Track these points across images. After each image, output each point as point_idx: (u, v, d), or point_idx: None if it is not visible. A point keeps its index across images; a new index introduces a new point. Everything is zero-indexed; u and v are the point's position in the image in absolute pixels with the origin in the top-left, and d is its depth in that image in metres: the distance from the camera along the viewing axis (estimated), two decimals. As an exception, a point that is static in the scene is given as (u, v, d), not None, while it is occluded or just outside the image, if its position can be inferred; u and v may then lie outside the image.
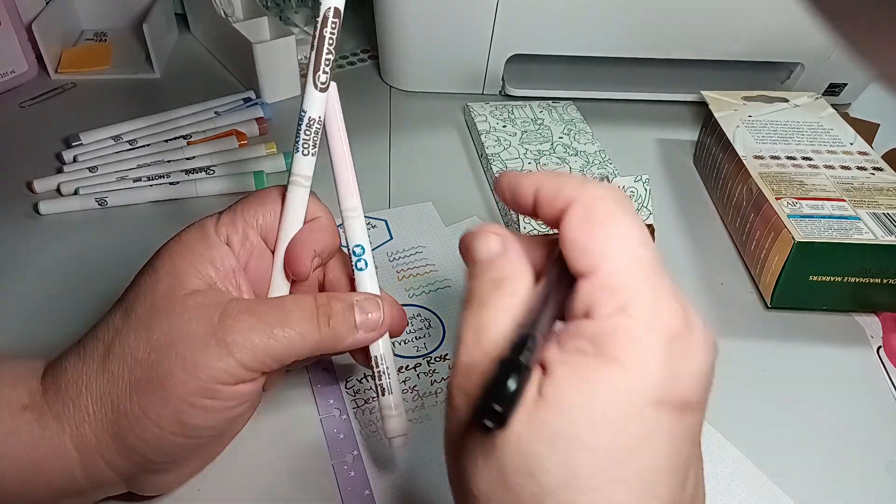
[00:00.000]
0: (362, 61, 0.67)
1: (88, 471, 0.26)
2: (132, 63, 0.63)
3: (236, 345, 0.25)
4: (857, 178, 0.45)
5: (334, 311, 0.28)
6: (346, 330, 0.28)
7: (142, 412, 0.25)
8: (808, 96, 0.54)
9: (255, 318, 0.26)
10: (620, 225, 0.20)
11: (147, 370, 0.25)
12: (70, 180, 0.48)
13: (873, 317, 0.43)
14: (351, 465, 0.33)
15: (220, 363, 0.25)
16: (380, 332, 0.29)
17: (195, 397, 0.25)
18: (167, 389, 0.25)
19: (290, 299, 0.28)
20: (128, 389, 0.25)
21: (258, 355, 0.26)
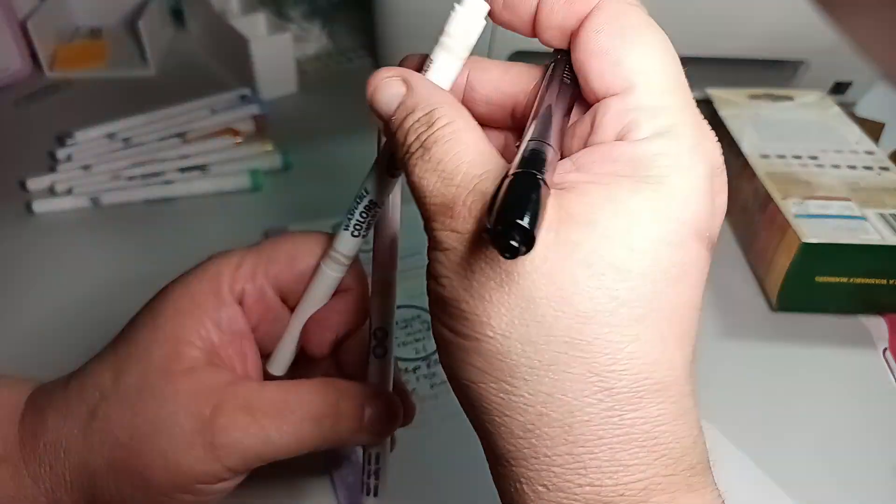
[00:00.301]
0: (360, 58, 0.66)
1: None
2: (127, 60, 0.62)
3: (225, 449, 0.23)
4: (863, 178, 0.44)
5: (341, 412, 0.25)
6: (351, 433, 0.25)
7: (118, 493, 0.24)
8: (814, 95, 0.53)
9: (251, 417, 0.24)
10: (656, 37, 0.18)
11: (127, 454, 0.24)
12: (64, 179, 0.48)
13: (879, 319, 0.43)
14: (349, 470, 0.32)
15: (205, 467, 0.23)
16: (385, 435, 0.26)
17: (174, 492, 0.24)
18: (146, 480, 0.23)
19: (293, 392, 0.25)
20: (106, 467, 0.24)
21: (247, 460, 0.24)
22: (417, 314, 0.40)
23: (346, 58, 0.66)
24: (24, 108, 0.56)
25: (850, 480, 0.34)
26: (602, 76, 0.18)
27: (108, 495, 0.24)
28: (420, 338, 0.39)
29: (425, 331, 0.39)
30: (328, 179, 0.50)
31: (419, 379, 0.37)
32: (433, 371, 0.37)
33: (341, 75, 0.63)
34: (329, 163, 0.52)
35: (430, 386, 0.36)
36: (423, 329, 0.39)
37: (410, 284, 0.42)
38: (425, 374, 0.37)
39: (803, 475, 0.34)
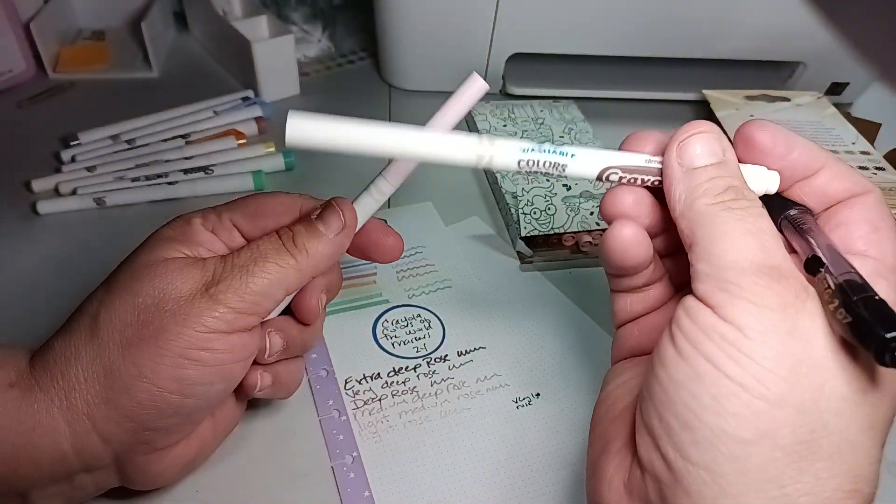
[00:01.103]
0: (362, 60, 0.66)
1: (79, 445, 0.25)
2: (130, 62, 0.62)
3: (220, 293, 0.26)
4: (859, 178, 0.45)
5: (296, 232, 0.28)
6: (315, 240, 0.28)
7: (137, 371, 0.25)
8: (811, 95, 0.54)
9: (231, 265, 0.27)
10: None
11: (138, 330, 0.25)
12: (68, 180, 0.48)
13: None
14: (350, 467, 0.33)
15: (212, 313, 0.25)
16: (347, 232, 0.28)
17: (190, 350, 0.25)
18: (161, 345, 0.25)
19: (258, 240, 0.28)
20: (120, 351, 0.25)
21: (245, 295, 0.26)
22: (417, 314, 0.41)
23: (348, 60, 0.66)
24: (27, 109, 0.57)
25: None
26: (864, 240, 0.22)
27: (126, 379, 0.25)
28: (420, 337, 0.39)
29: (425, 330, 0.40)
30: (330, 181, 0.51)
31: (420, 377, 0.37)
32: (433, 369, 0.38)
33: (343, 77, 0.64)
34: (331, 164, 0.53)
35: (431, 384, 0.37)
36: (423, 328, 0.40)
37: (410, 283, 0.43)
38: (425, 373, 0.37)
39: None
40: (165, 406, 0.25)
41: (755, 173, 0.23)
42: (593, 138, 0.54)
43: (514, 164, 0.23)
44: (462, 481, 0.33)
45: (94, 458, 0.26)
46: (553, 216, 0.44)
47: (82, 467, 0.26)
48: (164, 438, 0.27)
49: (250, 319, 0.26)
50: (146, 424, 0.25)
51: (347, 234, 0.28)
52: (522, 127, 0.55)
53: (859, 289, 0.19)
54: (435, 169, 0.53)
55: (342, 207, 0.28)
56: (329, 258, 0.28)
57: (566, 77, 0.61)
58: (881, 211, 0.22)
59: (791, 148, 0.23)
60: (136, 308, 0.25)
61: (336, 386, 0.36)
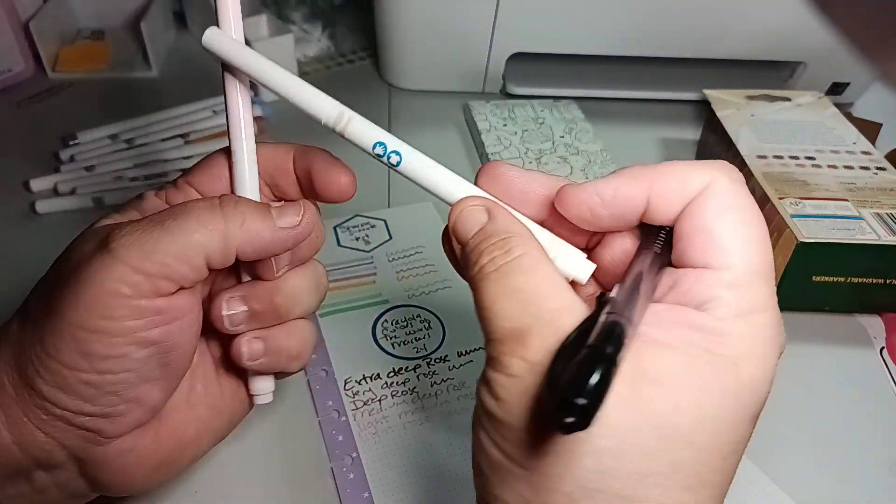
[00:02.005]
0: (361, 59, 0.66)
1: (17, 436, 0.23)
2: (129, 62, 0.62)
3: (123, 248, 0.22)
4: (860, 178, 0.45)
5: (243, 201, 0.24)
6: (258, 218, 0.24)
7: (42, 350, 0.22)
8: (811, 95, 0.53)
9: (148, 219, 0.23)
10: (757, 223, 0.20)
11: (45, 303, 0.22)
12: (67, 179, 0.48)
13: (876, 318, 0.43)
14: (350, 468, 0.33)
15: (110, 273, 0.21)
16: (297, 235, 0.24)
17: (90, 319, 0.21)
18: (60, 317, 0.22)
19: (194, 199, 0.24)
20: (31, 329, 0.22)
21: (149, 253, 0.22)
22: (417, 314, 0.41)
23: (348, 60, 0.66)
24: (26, 109, 0.57)
25: (846, 478, 0.34)
26: (704, 251, 0.20)
27: (35, 361, 0.22)
28: (420, 337, 0.39)
29: (425, 330, 0.40)
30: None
31: (419, 378, 0.37)
32: (433, 370, 0.37)
33: (343, 77, 0.64)
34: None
35: (431, 384, 0.37)
36: (422, 328, 0.40)
37: (410, 283, 0.42)
38: (425, 373, 0.37)
39: (800, 473, 0.34)
40: (83, 386, 0.22)
41: (571, 259, 0.22)
42: (594, 138, 0.54)
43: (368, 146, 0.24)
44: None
45: (40, 450, 0.23)
46: (553, 216, 0.44)
47: (32, 463, 0.23)
48: (109, 425, 0.23)
49: (161, 284, 0.22)
50: (72, 409, 0.22)
51: (296, 237, 0.24)
52: (523, 126, 0.55)
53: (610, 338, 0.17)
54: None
55: (306, 208, 0.25)
56: (262, 244, 0.24)
57: (566, 77, 0.61)
58: (720, 206, 0.20)
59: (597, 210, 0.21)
60: (51, 278, 0.23)
61: (335, 386, 0.36)
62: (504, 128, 0.54)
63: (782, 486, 0.33)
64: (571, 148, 0.52)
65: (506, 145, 0.52)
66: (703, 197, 0.20)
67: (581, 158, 0.51)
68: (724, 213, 0.20)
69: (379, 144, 0.24)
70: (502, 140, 0.53)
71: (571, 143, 0.53)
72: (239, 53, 0.25)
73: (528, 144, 0.53)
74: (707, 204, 0.20)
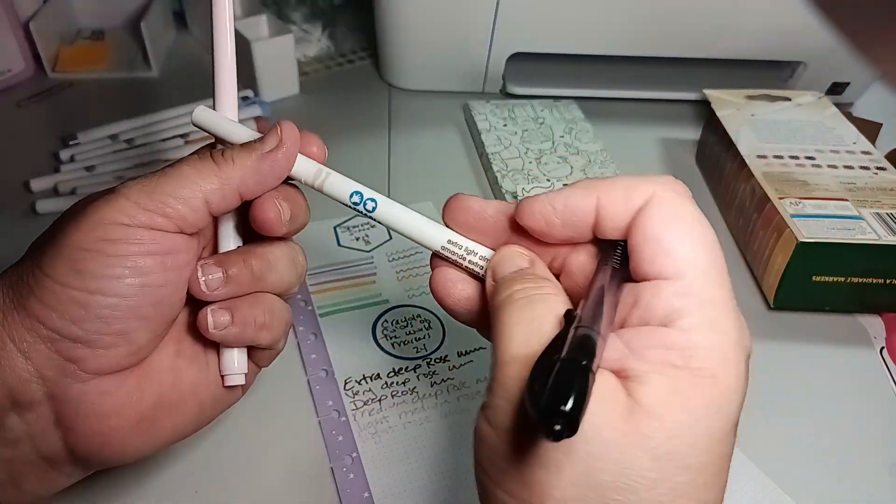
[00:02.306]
0: (361, 59, 0.66)
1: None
2: (130, 62, 0.62)
3: (126, 187, 0.24)
4: (860, 178, 0.45)
5: (230, 147, 0.26)
6: (246, 153, 0.25)
7: (39, 271, 0.23)
8: (811, 95, 0.53)
9: (151, 172, 0.25)
10: (704, 230, 0.20)
11: (45, 238, 0.24)
12: (67, 179, 0.48)
13: (876, 317, 0.43)
14: (350, 468, 0.33)
15: (112, 204, 0.23)
16: (286, 153, 0.26)
17: (87, 241, 0.23)
18: (59, 240, 0.23)
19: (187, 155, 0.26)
20: (30, 263, 0.24)
21: (150, 193, 0.24)
22: (417, 314, 0.41)
23: (348, 60, 0.66)
24: (27, 109, 0.57)
25: (846, 478, 0.34)
26: (654, 261, 0.20)
27: (30, 281, 0.23)
28: (420, 337, 0.39)
29: (425, 330, 0.40)
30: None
31: (419, 378, 0.37)
32: (433, 370, 0.37)
33: (343, 77, 0.64)
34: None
35: (431, 384, 0.37)
36: (423, 328, 0.40)
37: (410, 283, 0.42)
38: (425, 373, 0.37)
39: (800, 473, 0.34)
40: (73, 305, 0.23)
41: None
42: (594, 138, 0.54)
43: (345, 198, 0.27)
44: (462, 482, 0.32)
45: (18, 380, 0.23)
46: (553, 216, 0.44)
47: (7, 397, 0.23)
48: (92, 356, 0.24)
49: (158, 220, 0.24)
50: (60, 331, 0.23)
51: (286, 154, 0.26)
52: (523, 126, 0.55)
53: (583, 350, 0.18)
54: (435, 168, 0.53)
55: (283, 126, 0.26)
56: (258, 173, 0.25)
57: (566, 77, 0.61)
58: (665, 216, 0.20)
59: (551, 219, 0.22)
60: (52, 226, 0.25)
61: (336, 386, 0.36)
62: (504, 128, 0.54)
63: (782, 485, 0.33)
64: (571, 148, 0.52)
65: (506, 145, 0.52)
66: (648, 208, 0.21)
67: (581, 158, 0.51)
68: (669, 223, 0.20)
69: (355, 194, 0.26)
70: (502, 140, 0.53)
71: (571, 142, 0.53)
72: (225, 128, 0.28)
73: (528, 144, 0.53)
74: (652, 214, 0.20)
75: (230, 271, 0.26)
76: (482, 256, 0.25)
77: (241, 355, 0.28)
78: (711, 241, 0.20)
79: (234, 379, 0.27)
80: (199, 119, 0.28)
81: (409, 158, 0.54)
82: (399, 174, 0.52)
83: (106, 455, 0.25)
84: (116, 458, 0.26)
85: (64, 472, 0.25)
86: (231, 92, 0.29)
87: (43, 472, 0.25)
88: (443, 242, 0.25)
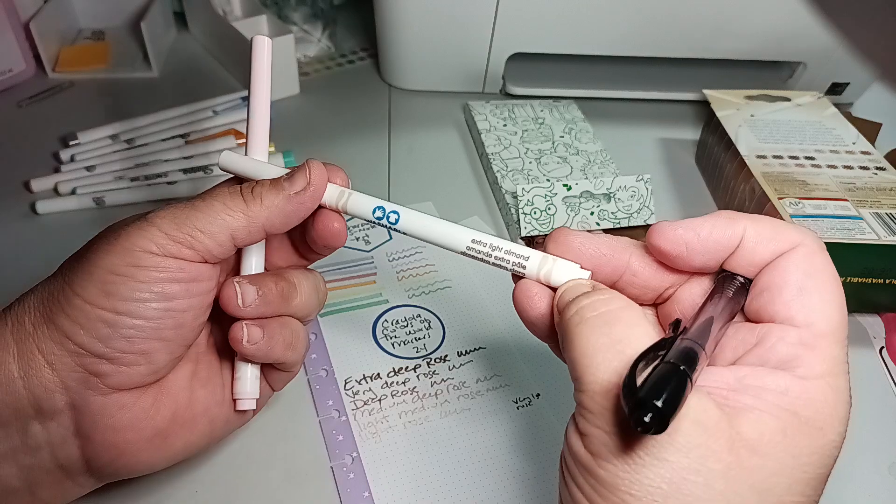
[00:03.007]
0: (361, 60, 0.66)
1: (25, 367, 0.24)
2: (130, 62, 0.62)
3: (157, 217, 0.25)
4: (859, 178, 0.45)
5: (259, 184, 0.27)
6: (274, 193, 0.26)
7: (70, 290, 0.25)
8: (811, 95, 0.53)
9: (182, 202, 0.26)
10: (837, 285, 0.21)
11: (77, 258, 0.26)
12: (67, 179, 0.48)
13: (875, 317, 0.43)
14: (350, 467, 0.33)
15: (143, 233, 0.25)
16: (313, 193, 0.27)
17: (119, 265, 0.24)
18: (91, 262, 0.25)
19: (216, 186, 0.28)
20: (61, 281, 0.25)
21: (180, 225, 0.25)
22: (418, 313, 0.41)
23: (348, 60, 0.66)
24: (27, 109, 0.57)
25: (845, 478, 0.34)
26: (790, 305, 0.21)
27: (61, 298, 0.25)
28: (420, 337, 0.39)
29: (425, 330, 0.40)
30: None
31: (419, 377, 0.37)
32: (433, 370, 0.38)
33: (343, 77, 0.64)
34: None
35: (431, 384, 0.37)
36: (423, 328, 0.40)
37: (410, 283, 0.43)
38: (425, 373, 0.37)
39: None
40: (100, 324, 0.24)
41: (568, 270, 0.24)
42: (594, 138, 0.54)
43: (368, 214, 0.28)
44: (462, 481, 0.33)
45: (43, 389, 0.24)
46: (553, 216, 0.44)
47: (32, 404, 0.24)
48: (114, 372, 0.25)
49: (185, 251, 0.25)
50: (85, 346, 0.24)
51: (312, 196, 0.27)
52: (523, 127, 0.55)
53: (685, 359, 0.18)
54: (435, 168, 0.53)
55: (311, 167, 0.27)
56: (284, 214, 0.26)
57: (566, 77, 0.61)
58: (809, 266, 0.21)
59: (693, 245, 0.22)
60: (84, 247, 0.26)
61: (336, 386, 0.36)
62: (504, 128, 0.54)
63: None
64: (571, 148, 0.53)
65: (505, 145, 0.52)
66: (794, 254, 0.21)
67: (581, 158, 0.52)
68: (813, 274, 0.21)
69: (378, 209, 0.27)
70: (502, 140, 0.53)
71: (571, 143, 0.53)
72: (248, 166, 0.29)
73: (527, 144, 0.53)
74: (799, 262, 0.21)
75: (263, 290, 0.27)
76: (507, 251, 0.25)
77: (254, 382, 0.29)
78: (843, 303, 0.21)
79: (246, 404, 0.29)
80: (226, 163, 0.29)
81: (409, 158, 0.54)
82: (399, 174, 0.52)
83: (119, 465, 0.26)
84: (128, 470, 0.27)
85: (78, 482, 0.27)
86: (264, 139, 0.30)
87: (58, 480, 0.26)
88: (467, 243, 0.26)
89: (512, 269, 0.25)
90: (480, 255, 0.26)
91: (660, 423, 0.16)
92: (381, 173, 0.52)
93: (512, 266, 0.25)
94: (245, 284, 0.27)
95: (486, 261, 0.26)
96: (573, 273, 0.24)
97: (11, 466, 0.25)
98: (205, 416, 0.28)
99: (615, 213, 0.45)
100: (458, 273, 0.43)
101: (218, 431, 0.29)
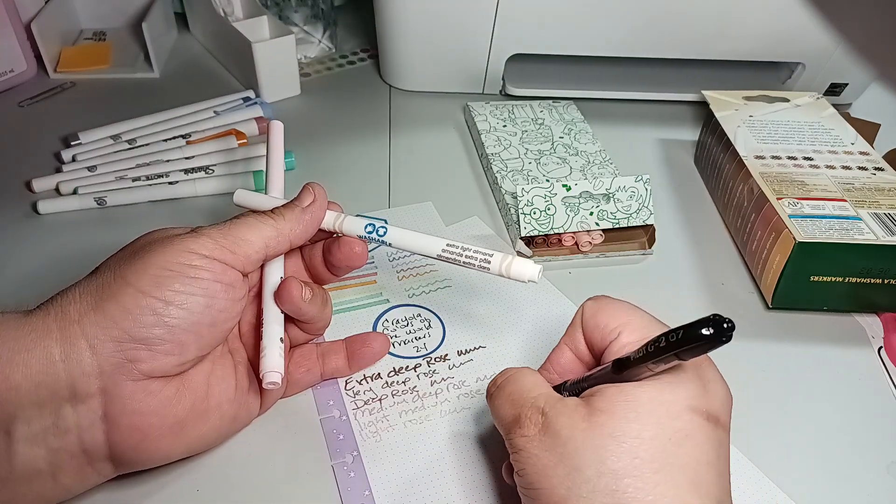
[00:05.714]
0: (362, 60, 0.66)
1: (67, 350, 0.26)
2: (131, 62, 0.63)
3: (205, 228, 0.30)
4: (858, 179, 0.45)
5: (278, 208, 0.33)
6: (290, 209, 0.33)
7: (123, 281, 0.28)
8: (810, 96, 0.54)
9: (223, 222, 0.31)
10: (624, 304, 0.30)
11: (129, 257, 0.29)
12: (69, 180, 0.48)
13: (874, 317, 0.43)
14: (350, 466, 0.33)
15: (194, 239, 0.29)
16: (319, 203, 0.33)
17: (172, 262, 0.28)
18: (146, 259, 0.28)
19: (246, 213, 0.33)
20: (112, 273, 0.28)
21: (226, 234, 0.30)
22: (417, 313, 0.41)
23: (349, 60, 0.67)
24: (28, 109, 0.57)
25: (844, 478, 0.34)
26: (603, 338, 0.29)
27: (113, 287, 0.27)
28: (420, 336, 0.39)
29: (425, 329, 0.40)
30: (331, 181, 0.51)
31: (420, 377, 0.37)
32: (433, 369, 0.38)
33: (343, 78, 0.64)
34: (332, 164, 0.53)
35: (431, 383, 0.37)
36: (423, 328, 0.40)
37: (410, 283, 0.43)
38: (425, 372, 0.37)
39: (798, 472, 0.34)
40: (148, 310, 0.27)
41: (522, 265, 0.30)
42: (593, 139, 0.54)
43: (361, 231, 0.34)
44: (462, 481, 0.33)
45: (81, 373, 0.26)
46: (553, 216, 0.44)
47: (68, 387, 0.26)
48: (150, 359, 0.27)
49: (230, 257, 0.30)
50: (130, 332, 0.27)
51: (319, 206, 0.33)
52: (522, 127, 0.55)
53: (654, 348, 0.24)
54: (435, 169, 0.53)
55: (312, 185, 0.34)
56: (303, 223, 0.32)
57: (566, 77, 0.61)
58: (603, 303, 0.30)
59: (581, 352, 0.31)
60: (132, 249, 0.30)
61: (336, 386, 0.37)
62: (504, 128, 0.55)
63: (781, 485, 0.33)
64: (571, 149, 0.53)
65: (505, 146, 0.53)
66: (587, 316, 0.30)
67: (580, 159, 0.52)
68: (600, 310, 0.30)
69: (368, 226, 0.33)
70: (502, 141, 0.53)
71: (571, 143, 0.53)
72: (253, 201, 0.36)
73: (527, 145, 0.53)
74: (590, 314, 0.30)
75: (314, 291, 0.33)
76: (475, 251, 0.31)
77: (280, 357, 0.31)
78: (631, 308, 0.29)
79: (274, 376, 0.30)
80: (241, 200, 0.36)
81: (409, 159, 0.54)
82: (399, 175, 0.52)
83: (140, 451, 0.29)
84: (148, 456, 0.29)
85: (97, 468, 0.28)
86: (279, 195, 0.37)
87: (80, 466, 0.28)
88: (442, 247, 0.32)
89: (479, 266, 0.31)
90: (453, 257, 0.32)
91: (730, 332, 0.21)
92: (381, 174, 0.52)
93: (479, 263, 0.31)
94: (303, 283, 0.32)
95: (458, 262, 0.31)
96: (527, 268, 0.30)
97: (41, 448, 0.27)
98: (217, 410, 0.31)
99: (614, 214, 0.45)
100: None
101: (226, 427, 0.32)
